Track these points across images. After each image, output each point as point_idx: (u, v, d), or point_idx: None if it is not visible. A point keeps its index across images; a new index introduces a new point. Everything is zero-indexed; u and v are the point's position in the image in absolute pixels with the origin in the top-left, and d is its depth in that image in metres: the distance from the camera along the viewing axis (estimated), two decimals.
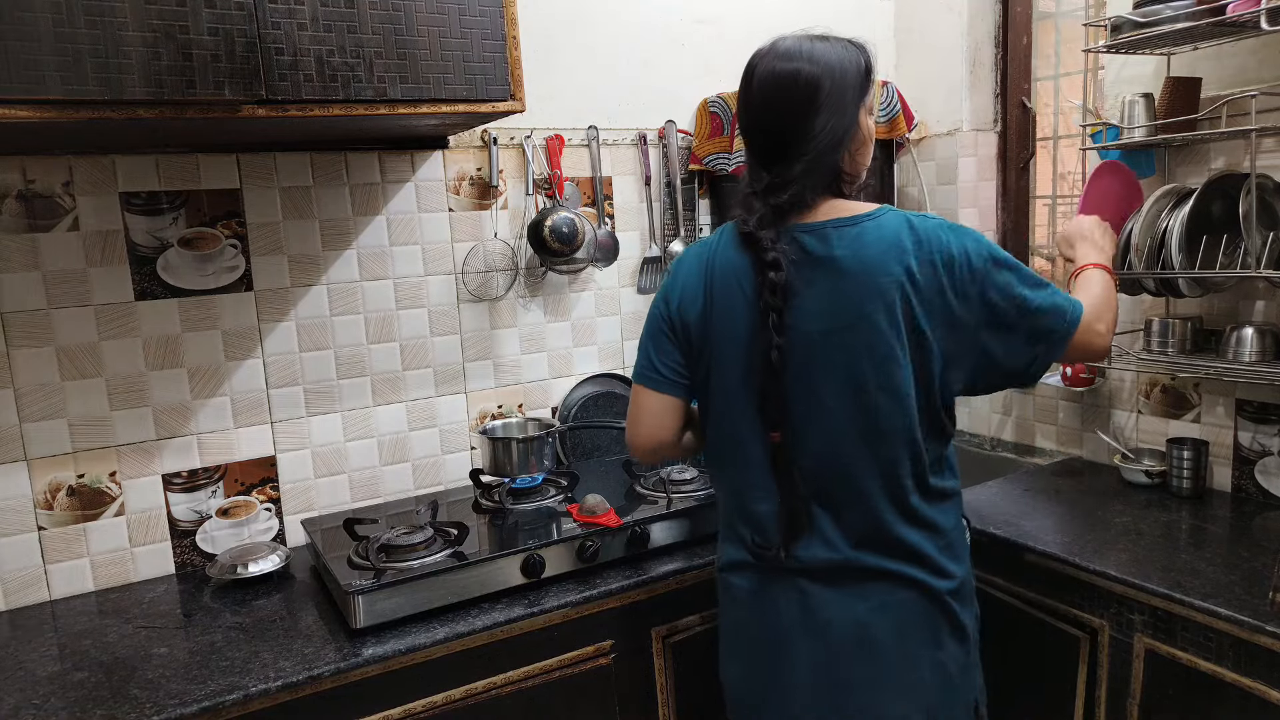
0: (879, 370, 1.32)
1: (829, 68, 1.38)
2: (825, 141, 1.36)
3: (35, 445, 1.78)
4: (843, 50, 1.40)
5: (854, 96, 1.39)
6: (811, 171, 1.36)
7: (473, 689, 1.60)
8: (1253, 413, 1.97)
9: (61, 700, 1.42)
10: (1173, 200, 1.92)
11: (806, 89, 1.37)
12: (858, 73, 1.40)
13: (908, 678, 1.39)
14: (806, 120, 1.36)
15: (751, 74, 1.43)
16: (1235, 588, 1.54)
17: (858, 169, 1.45)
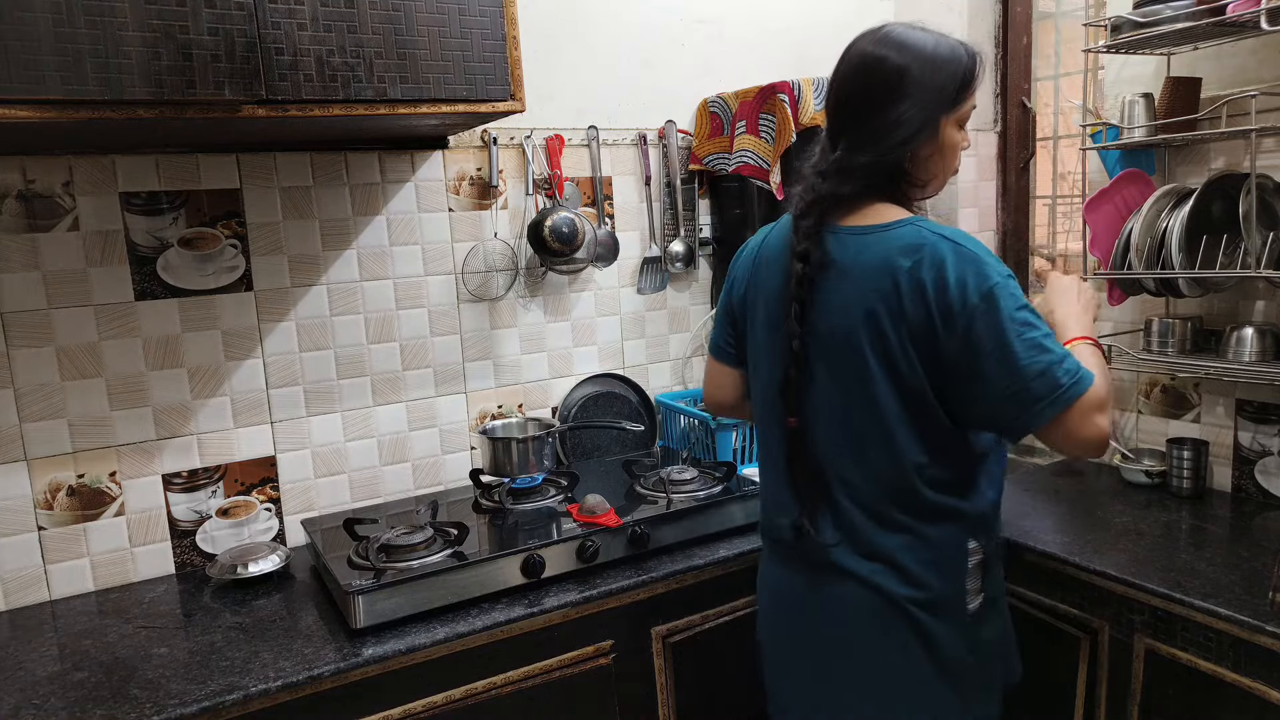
0: (857, 381, 1.33)
1: (916, 63, 1.32)
2: (890, 139, 1.33)
3: (35, 445, 1.78)
4: (943, 50, 1.34)
5: (937, 100, 1.33)
6: (866, 166, 1.34)
7: (473, 689, 1.60)
8: (1253, 413, 1.97)
9: (61, 700, 1.42)
10: (1173, 200, 1.92)
11: (884, 78, 1.33)
12: (950, 78, 1.34)
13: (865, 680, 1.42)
14: (876, 112, 1.33)
15: (845, 51, 1.39)
16: (1235, 588, 1.54)
17: (926, 178, 1.39)
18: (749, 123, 2.25)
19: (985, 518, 1.41)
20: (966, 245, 1.28)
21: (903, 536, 1.36)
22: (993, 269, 1.26)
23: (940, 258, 1.26)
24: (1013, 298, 1.25)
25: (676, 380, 2.50)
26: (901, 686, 1.40)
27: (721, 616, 1.85)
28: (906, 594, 1.36)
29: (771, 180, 2.20)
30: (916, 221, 1.32)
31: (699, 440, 2.28)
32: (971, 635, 1.40)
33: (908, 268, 1.27)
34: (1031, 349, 1.23)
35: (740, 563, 1.85)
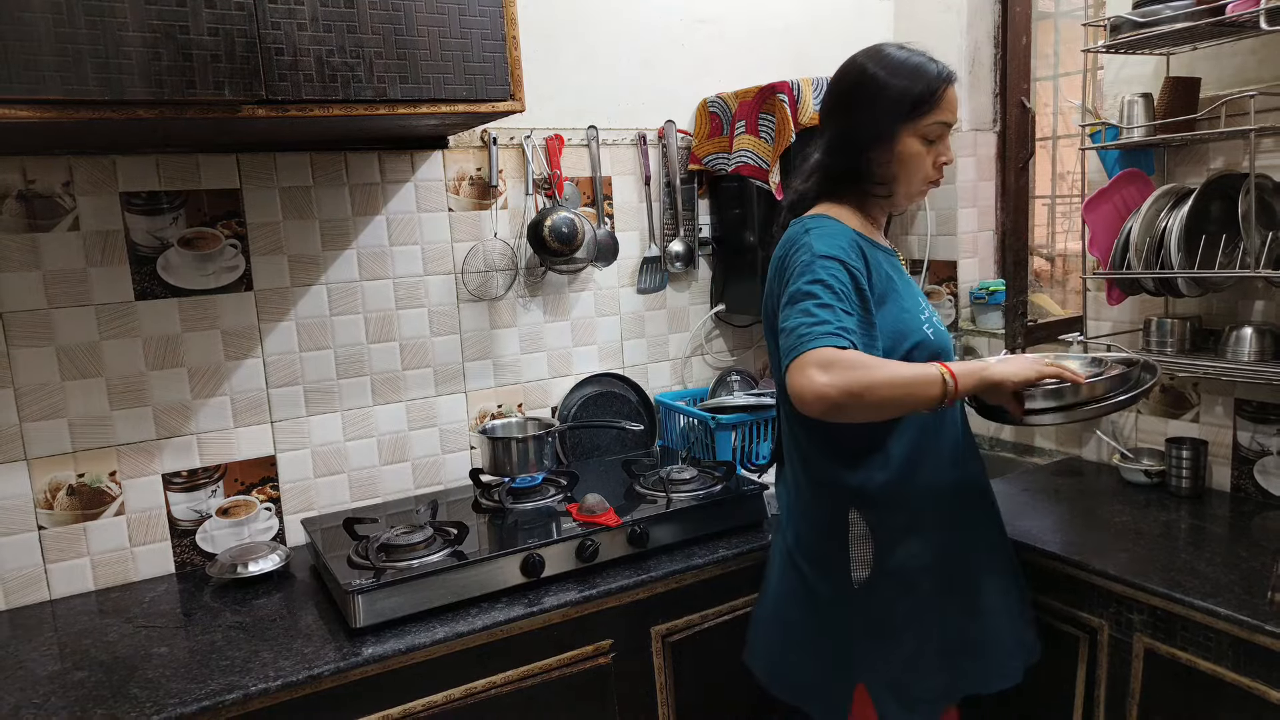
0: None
1: (881, 73, 1.45)
2: (846, 140, 1.49)
3: (35, 445, 1.78)
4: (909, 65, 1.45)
5: (892, 109, 1.43)
6: (826, 166, 1.52)
7: (472, 688, 1.60)
8: (1252, 412, 1.97)
9: (62, 699, 1.42)
10: (1172, 200, 1.92)
11: (849, 84, 1.49)
12: (907, 90, 1.43)
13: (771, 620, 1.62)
14: (839, 115, 1.51)
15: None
16: (1234, 587, 1.54)
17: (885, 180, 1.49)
18: (748, 123, 2.25)
19: (867, 493, 1.47)
20: (812, 238, 1.42)
21: (795, 495, 1.56)
22: (809, 252, 1.39)
23: (789, 249, 1.44)
24: (810, 273, 1.37)
25: (676, 380, 2.50)
26: (787, 627, 1.57)
27: (721, 616, 1.85)
28: (802, 553, 1.54)
29: (771, 180, 2.20)
30: (811, 219, 1.48)
31: (698, 440, 2.28)
32: (859, 604, 1.48)
33: (776, 256, 1.49)
34: (797, 313, 1.34)
35: (740, 562, 1.85)
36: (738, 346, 2.58)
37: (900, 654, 1.49)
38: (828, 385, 1.25)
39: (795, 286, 1.37)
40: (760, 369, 2.61)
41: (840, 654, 1.50)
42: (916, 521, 1.49)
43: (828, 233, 1.43)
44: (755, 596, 1.86)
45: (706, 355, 2.54)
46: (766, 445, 2.27)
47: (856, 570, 1.48)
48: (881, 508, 1.48)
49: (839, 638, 1.50)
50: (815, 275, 1.36)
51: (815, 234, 1.43)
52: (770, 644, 1.62)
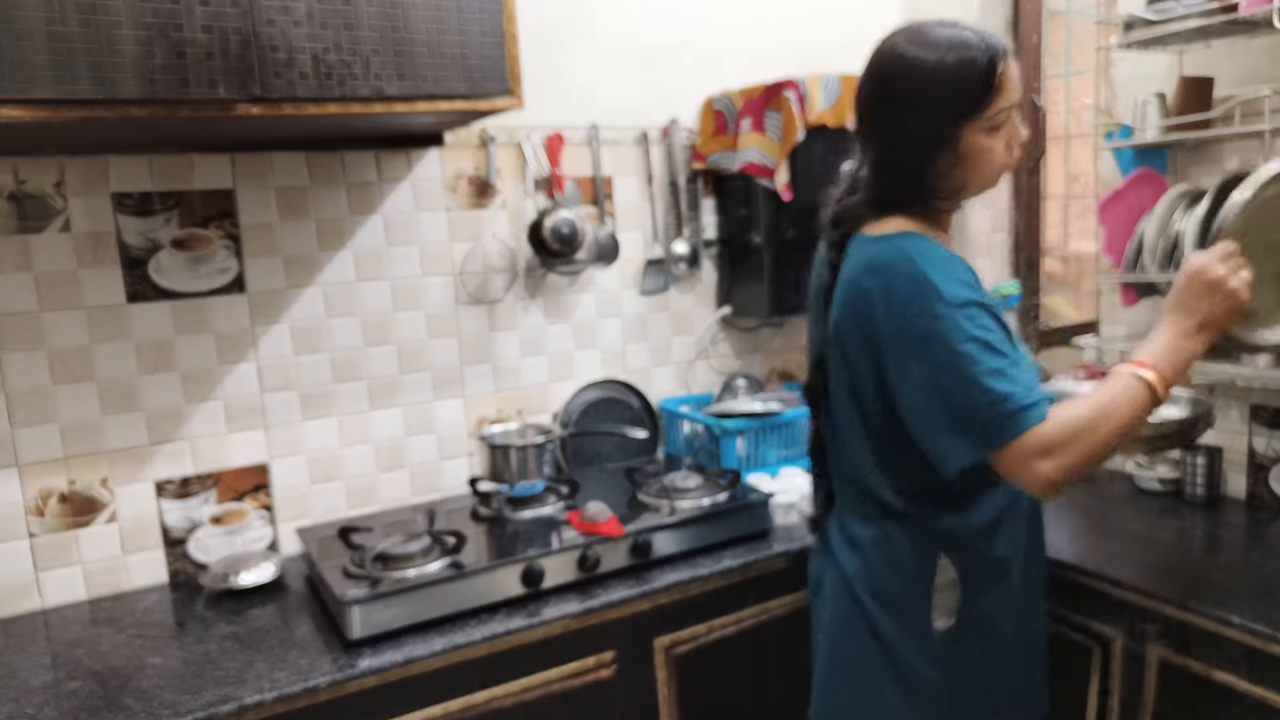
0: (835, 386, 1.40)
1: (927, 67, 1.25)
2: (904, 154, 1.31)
3: (26, 450, 1.75)
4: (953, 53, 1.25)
5: (950, 109, 1.26)
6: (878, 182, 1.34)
7: (471, 702, 1.58)
8: (1268, 419, 1.95)
9: (55, 710, 1.40)
10: (1186, 201, 1.90)
11: (894, 82, 1.29)
12: (961, 83, 1.25)
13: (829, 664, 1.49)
14: (889, 120, 1.31)
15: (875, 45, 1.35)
16: (1250, 596, 1.52)
17: (952, 189, 1.33)
18: (754, 121, 2.22)
19: (959, 537, 1.37)
20: (924, 269, 1.24)
21: (874, 530, 1.40)
22: (940, 299, 1.21)
23: (895, 281, 1.26)
24: (958, 330, 1.20)
25: (680, 385, 2.47)
26: (853, 671, 1.44)
27: (727, 627, 1.82)
28: (865, 585, 1.40)
29: (777, 180, 2.18)
30: (899, 239, 1.30)
31: (703, 447, 2.25)
32: (937, 652, 1.38)
33: (868, 285, 1.29)
34: (967, 385, 1.19)
35: (745, 572, 1.83)
36: (744, 350, 2.55)
37: (975, 703, 1.42)
38: (1055, 473, 1.17)
39: (952, 347, 1.19)
40: (767, 374, 2.58)
41: (910, 707, 1.40)
42: (1003, 567, 1.40)
43: (939, 261, 1.25)
44: (761, 607, 1.86)
45: (712, 360, 2.51)
46: (773, 452, 2.24)
47: (939, 620, 1.37)
48: (971, 551, 1.38)
49: (914, 689, 1.39)
50: (966, 332, 1.20)
51: (925, 264, 1.24)
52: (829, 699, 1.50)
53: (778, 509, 1.97)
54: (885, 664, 1.40)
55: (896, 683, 1.40)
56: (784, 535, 1.92)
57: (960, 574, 1.37)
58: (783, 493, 1.99)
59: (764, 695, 1.88)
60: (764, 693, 1.88)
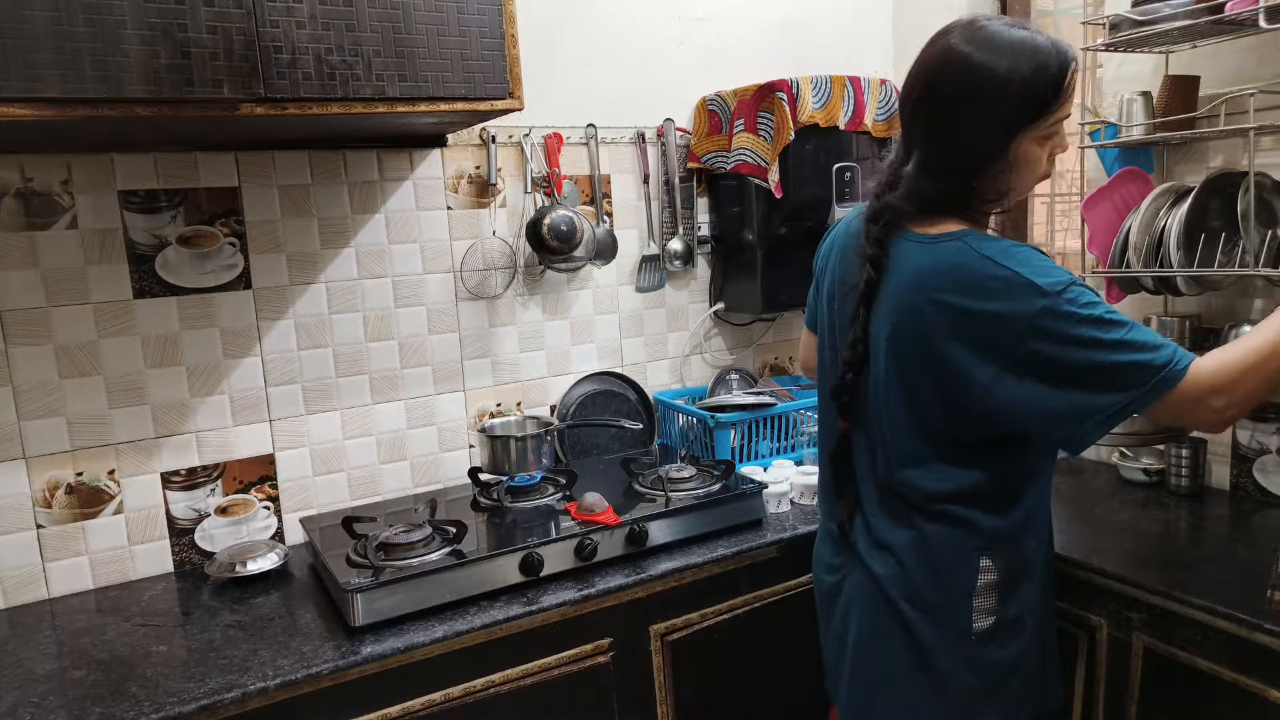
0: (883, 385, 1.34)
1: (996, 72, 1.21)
2: (958, 160, 1.28)
3: (34, 443, 1.77)
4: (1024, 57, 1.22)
5: (1013, 118, 1.23)
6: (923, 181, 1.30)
7: (471, 687, 1.60)
8: (1252, 411, 1.96)
9: (60, 698, 1.42)
10: (1171, 198, 1.91)
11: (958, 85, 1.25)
12: (1030, 91, 1.22)
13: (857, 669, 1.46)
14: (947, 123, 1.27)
15: (931, 40, 1.30)
16: (1233, 586, 1.54)
17: (998, 194, 1.31)
18: (747, 121, 2.25)
19: (1004, 537, 1.35)
20: (1008, 265, 1.21)
21: (909, 533, 1.36)
22: (1038, 292, 1.18)
23: (979, 281, 1.22)
24: (1067, 316, 1.18)
25: (675, 378, 2.50)
26: (884, 681, 1.42)
27: (720, 615, 1.85)
28: (899, 589, 1.37)
29: (770, 178, 2.20)
30: (964, 236, 1.26)
31: (697, 438, 2.28)
32: (973, 654, 1.37)
33: (938, 288, 1.24)
34: (1107, 352, 1.17)
35: (739, 560, 1.85)
36: (737, 345, 2.58)
37: (1004, 701, 1.40)
38: (1227, 407, 1.18)
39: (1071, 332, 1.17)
40: (759, 368, 2.61)
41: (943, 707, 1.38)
42: (1035, 561, 1.40)
43: (1015, 252, 1.23)
44: (754, 595, 1.88)
45: (705, 354, 2.54)
46: (765, 444, 2.26)
47: (980, 621, 1.35)
48: (1011, 550, 1.36)
49: (950, 690, 1.37)
50: (1078, 313, 1.18)
51: (1005, 259, 1.22)
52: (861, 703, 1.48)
53: (770, 499, 2.00)
54: (921, 670, 1.37)
55: (931, 689, 1.37)
56: (776, 524, 1.95)
57: (1000, 575, 1.35)
58: (775, 483, 2.01)
59: (757, 680, 1.90)
60: (757, 677, 1.90)
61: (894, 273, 1.31)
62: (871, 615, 1.41)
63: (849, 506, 1.44)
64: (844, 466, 1.44)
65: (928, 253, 1.28)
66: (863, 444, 1.41)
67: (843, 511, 1.45)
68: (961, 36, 1.26)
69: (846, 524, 1.44)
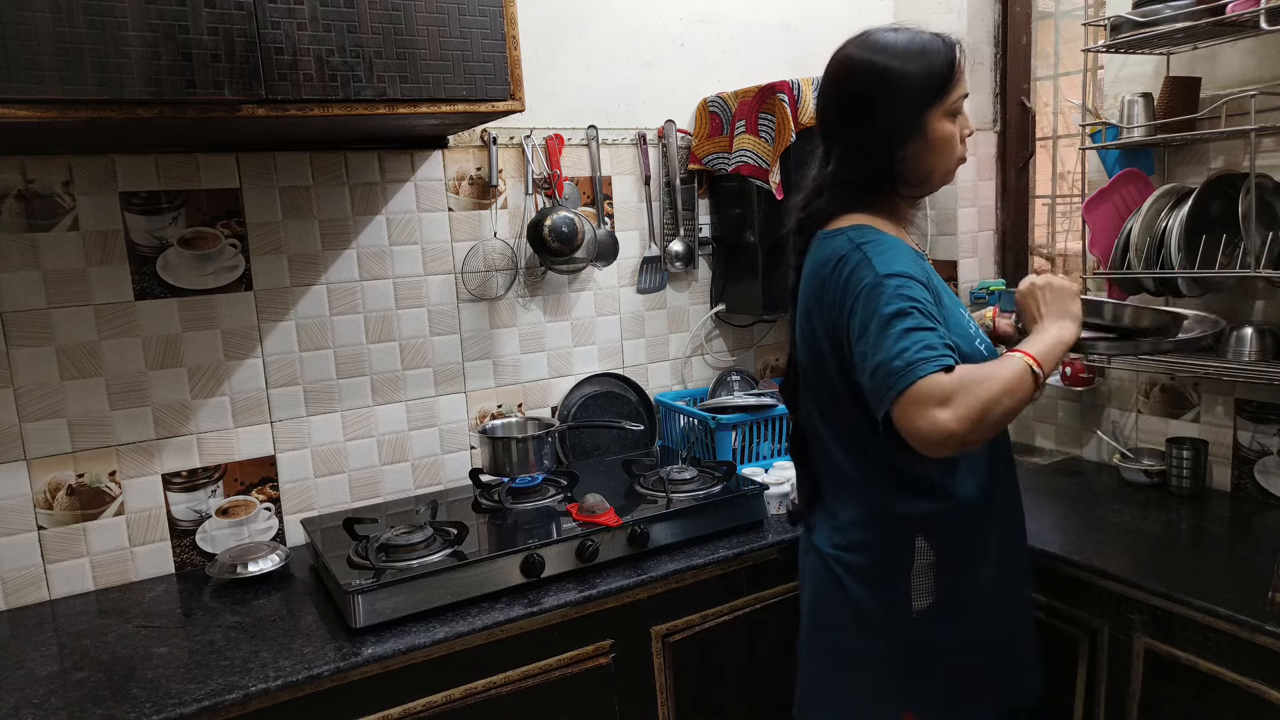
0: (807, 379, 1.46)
1: (891, 64, 1.33)
2: (873, 146, 1.36)
3: (35, 445, 1.78)
4: (915, 46, 1.34)
5: (915, 98, 1.33)
6: (842, 179, 1.39)
7: (472, 688, 1.60)
8: (1252, 412, 1.97)
9: (61, 700, 1.42)
10: (1172, 200, 1.92)
11: (859, 83, 1.36)
12: (926, 72, 1.33)
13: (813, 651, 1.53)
14: (855, 118, 1.37)
15: (831, 56, 1.42)
16: (1235, 587, 1.54)
17: (920, 176, 1.39)
18: (748, 122, 2.25)
19: (931, 522, 1.39)
20: (869, 251, 1.30)
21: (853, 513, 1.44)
22: (871, 271, 1.28)
23: (846, 265, 1.31)
24: (883, 297, 1.25)
25: (676, 380, 2.50)
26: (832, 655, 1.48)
27: (721, 616, 1.85)
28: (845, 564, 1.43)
29: (771, 180, 2.20)
30: (848, 230, 1.36)
31: (698, 440, 2.28)
32: (916, 635, 1.41)
33: (826, 274, 1.35)
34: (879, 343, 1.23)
35: (740, 562, 1.85)
36: (738, 346, 2.58)
37: (953, 682, 1.44)
38: (952, 422, 1.17)
39: (876, 312, 1.24)
40: (760, 369, 2.61)
41: (889, 683, 1.42)
42: (980, 546, 1.42)
43: (885, 247, 1.31)
44: (755, 596, 1.88)
45: (706, 355, 2.54)
46: (766, 445, 2.26)
47: (917, 599, 1.40)
48: (947, 534, 1.40)
49: (891, 666, 1.42)
50: (894, 294, 1.25)
51: (871, 249, 1.30)
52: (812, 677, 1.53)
53: (771, 500, 2.00)
54: (866, 647, 1.43)
55: (877, 665, 1.42)
56: (777, 526, 1.95)
57: (938, 557, 1.40)
58: (776, 485, 2.01)
59: (758, 681, 1.90)
60: (758, 678, 1.90)
61: (807, 266, 1.43)
62: (821, 590, 1.48)
63: (806, 496, 1.55)
64: (799, 458, 1.56)
65: (822, 246, 1.39)
66: (811, 434, 1.50)
67: (801, 501, 1.57)
68: (855, 46, 1.38)
69: (804, 511, 1.55)
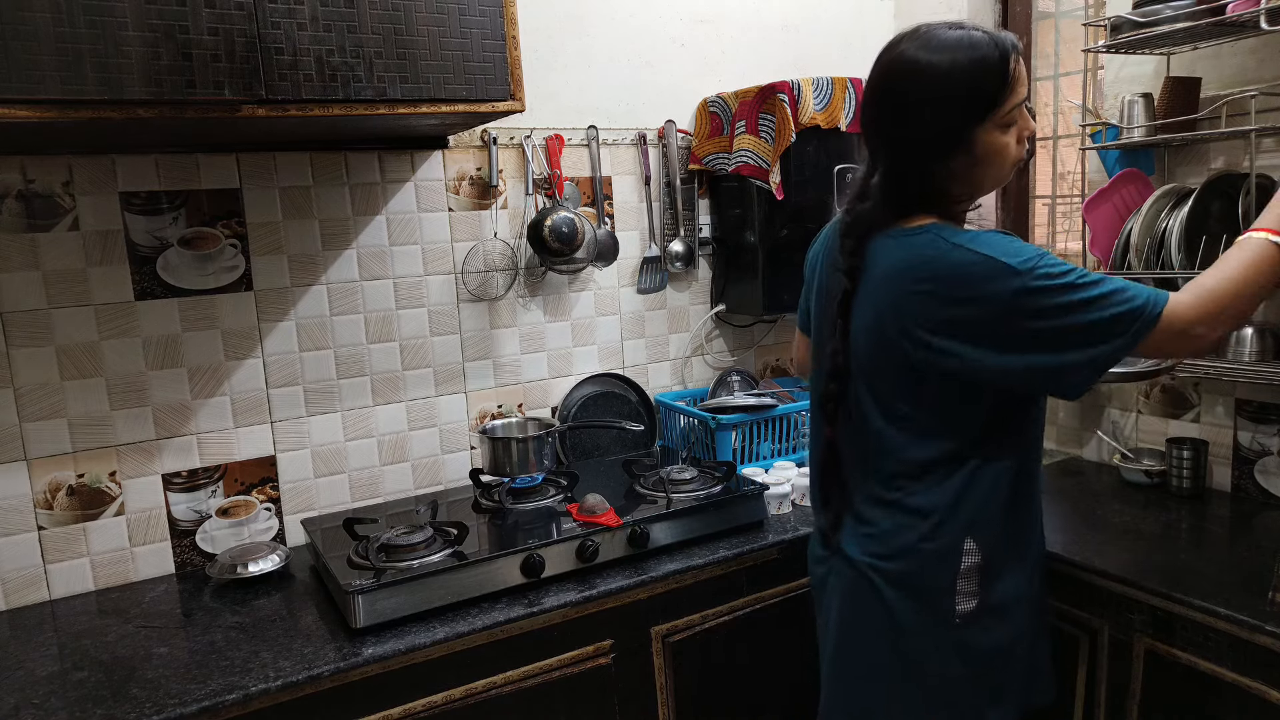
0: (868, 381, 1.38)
1: (940, 70, 1.25)
2: (909, 154, 1.31)
3: (35, 445, 1.78)
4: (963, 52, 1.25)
5: (964, 110, 1.27)
6: (890, 188, 1.33)
7: (473, 689, 1.60)
8: (1252, 412, 1.97)
9: (61, 700, 1.42)
10: (1172, 200, 1.92)
11: (906, 88, 1.29)
12: (975, 83, 1.25)
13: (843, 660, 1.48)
14: (901, 126, 1.31)
15: (881, 52, 1.34)
16: (1235, 587, 1.54)
17: (966, 191, 1.35)
18: (749, 122, 2.25)
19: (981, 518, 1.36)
20: (978, 250, 1.25)
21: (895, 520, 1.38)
22: (1011, 272, 1.22)
23: (953, 270, 1.25)
24: (1044, 290, 1.22)
25: (676, 380, 2.50)
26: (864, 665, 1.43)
27: (721, 616, 1.85)
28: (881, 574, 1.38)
29: (771, 180, 2.20)
30: (933, 229, 1.30)
31: (699, 440, 2.28)
32: (958, 639, 1.38)
33: (915, 278, 1.28)
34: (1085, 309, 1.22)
35: (740, 562, 1.85)
36: (738, 346, 2.58)
37: (985, 688, 1.40)
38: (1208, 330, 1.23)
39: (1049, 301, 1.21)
40: (760, 369, 2.61)
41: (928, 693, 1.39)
42: (1020, 552, 1.41)
43: (982, 238, 1.27)
44: (755, 596, 1.88)
45: (706, 355, 2.54)
46: (766, 445, 2.26)
47: (963, 602, 1.36)
48: (994, 536, 1.37)
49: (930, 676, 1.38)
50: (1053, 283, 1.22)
51: (974, 244, 1.25)
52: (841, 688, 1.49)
53: (771, 500, 2.00)
54: (900, 655, 1.39)
55: (910, 674, 1.39)
56: (777, 526, 1.95)
57: (983, 557, 1.37)
58: (776, 485, 2.01)
59: (758, 681, 1.90)
60: (758, 679, 1.90)
61: (872, 270, 1.34)
62: (853, 600, 1.43)
63: (834, 515, 1.47)
64: (831, 474, 1.46)
65: (901, 246, 1.31)
66: (850, 445, 1.43)
67: (828, 519, 1.48)
68: (910, 44, 1.30)
69: (830, 532, 1.47)
